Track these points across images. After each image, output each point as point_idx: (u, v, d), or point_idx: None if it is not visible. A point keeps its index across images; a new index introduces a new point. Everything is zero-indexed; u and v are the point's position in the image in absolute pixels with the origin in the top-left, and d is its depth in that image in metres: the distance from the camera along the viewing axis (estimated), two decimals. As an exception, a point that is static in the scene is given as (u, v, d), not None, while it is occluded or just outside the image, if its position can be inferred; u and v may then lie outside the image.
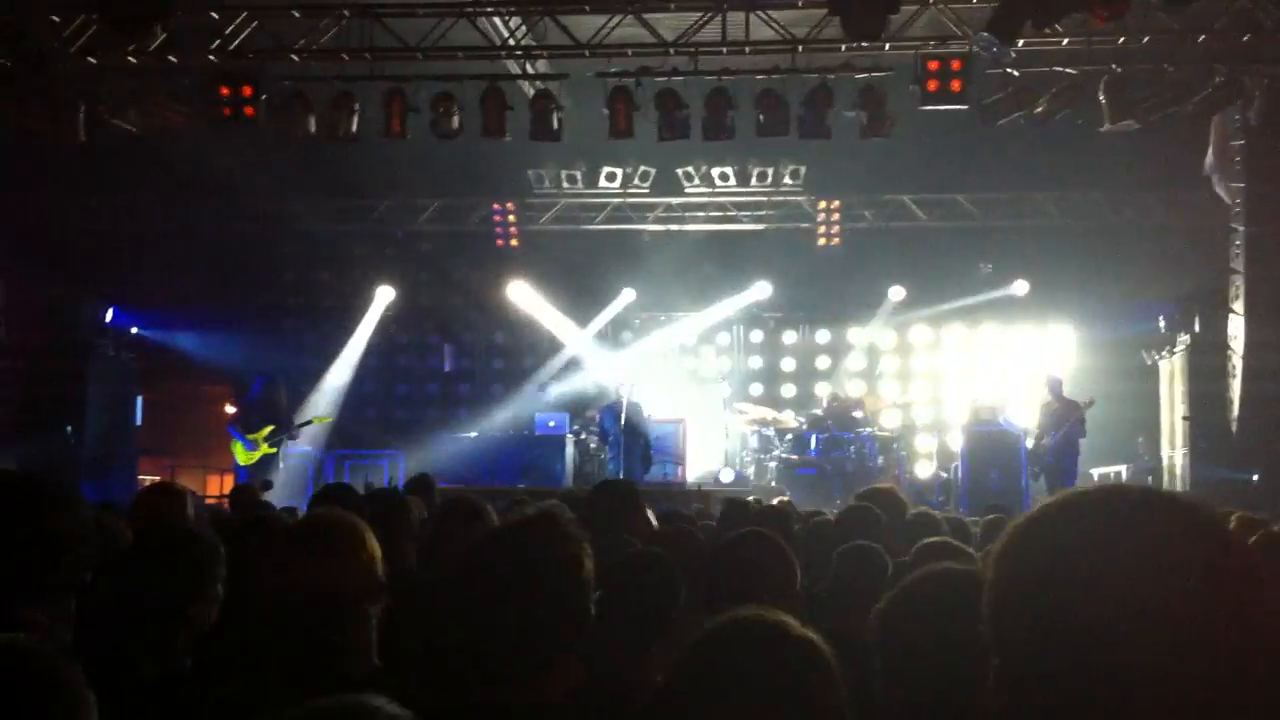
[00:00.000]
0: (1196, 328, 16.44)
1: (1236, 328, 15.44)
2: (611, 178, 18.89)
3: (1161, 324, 17.39)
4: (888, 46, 13.56)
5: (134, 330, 19.03)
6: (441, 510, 5.19)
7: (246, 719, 3.09)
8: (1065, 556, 1.43)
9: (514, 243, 20.13)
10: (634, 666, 3.31)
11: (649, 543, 4.72)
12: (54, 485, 3.07)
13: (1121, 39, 13.53)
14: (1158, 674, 1.36)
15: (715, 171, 18.72)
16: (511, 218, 19.98)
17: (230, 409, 19.05)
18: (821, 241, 19.59)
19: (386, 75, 14.35)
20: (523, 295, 20.06)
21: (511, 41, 14.58)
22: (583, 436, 17.85)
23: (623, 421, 16.50)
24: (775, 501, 9.41)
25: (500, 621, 2.47)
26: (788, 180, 18.88)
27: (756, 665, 1.81)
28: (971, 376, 20.48)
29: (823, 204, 19.39)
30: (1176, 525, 1.43)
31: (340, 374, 19.88)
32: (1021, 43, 12.93)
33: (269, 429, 15.99)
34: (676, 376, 20.58)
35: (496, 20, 14.52)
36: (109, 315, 18.41)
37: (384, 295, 20.14)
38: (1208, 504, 1.50)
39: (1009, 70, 13.85)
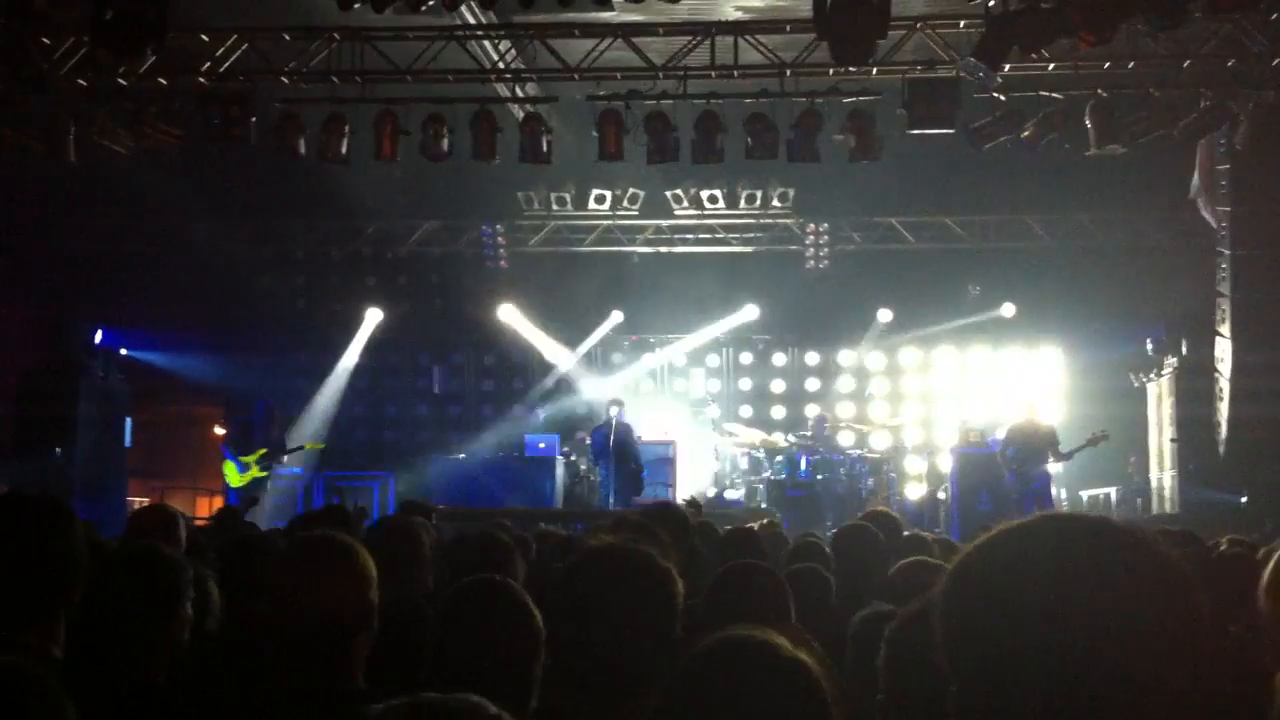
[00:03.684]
0: (1184, 350, 16.50)
1: (1224, 350, 15.51)
2: (601, 200, 18.91)
3: (1149, 346, 17.45)
4: (875, 70, 13.65)
5: (124, 352, 18.96)
6: (458, 547, 5.17)
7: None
8: (1013, 582, 1.48)
9: (503, 264, 20.14)
10: None
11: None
12: (65, 506, 3.10)
13: (1108, 64, 13.63)
14: (1104, 694, 1.41)
15: (704, 194, 18.74)
16: (501, 239, 19.98)
17: (220, 430, 19.00)
18: (810, 264, 19.64)
19: (377, 98, 14.39)
20: (512, 317, 20.06)
21: (501, 65, 14.63)
22: (573, 458, 17.84)
23: (613, 443, 16.50)
24: (758, 524, 9.40)
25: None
26: (776, 203, 18.92)
27: (746, 688, 1.82)
28: (961, 398, 20.51)
29: (811, 226, 19.44)
30: (1118, 549, 1.49)
31: (329, 395, 19.84)
32: (1008, 67, 13.02)
33: (261, 452, 16.00)
34: (666, 398, 20.60)
35: (486, 44, 14.58)
36: (99, 337, 18.35)
37: (373, 316, 20.10)
38: (1144, 529, 1.56)
39: (996, 94, 13.94)
